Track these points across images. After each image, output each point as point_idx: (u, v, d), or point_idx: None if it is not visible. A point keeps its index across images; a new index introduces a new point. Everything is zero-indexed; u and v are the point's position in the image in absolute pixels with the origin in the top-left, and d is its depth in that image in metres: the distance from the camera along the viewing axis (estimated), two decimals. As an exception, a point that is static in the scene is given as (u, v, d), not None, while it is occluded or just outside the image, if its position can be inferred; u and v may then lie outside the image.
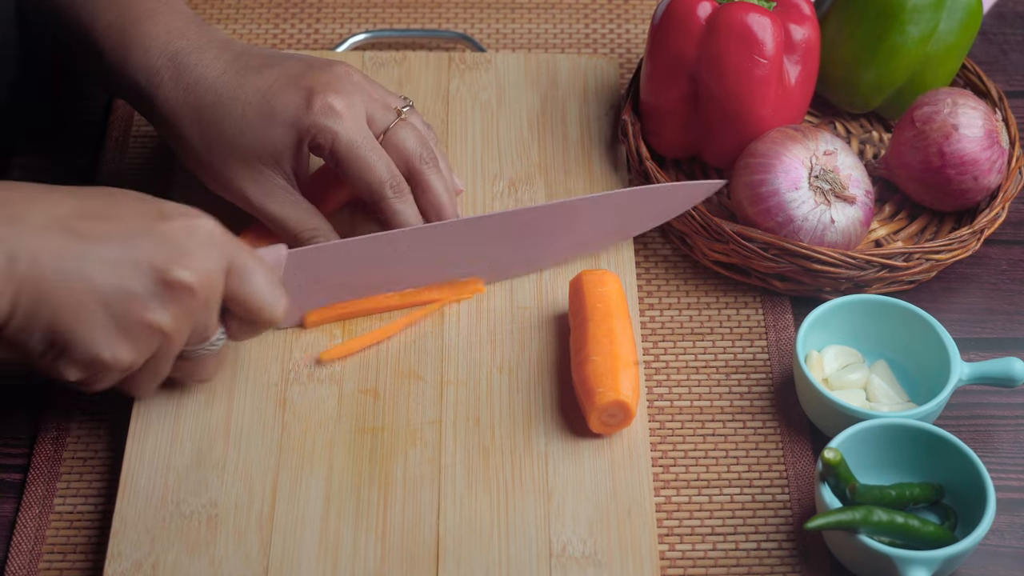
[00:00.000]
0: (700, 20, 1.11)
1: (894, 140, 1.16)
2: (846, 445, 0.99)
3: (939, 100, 1.14)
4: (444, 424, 1.03)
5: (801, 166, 1.09)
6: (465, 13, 1.34)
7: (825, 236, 1.09)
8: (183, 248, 0.91)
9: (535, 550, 0.97)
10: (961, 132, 1.12)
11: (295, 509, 0.99)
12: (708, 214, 1.10)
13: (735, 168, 1.12)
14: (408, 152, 1.06)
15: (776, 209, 1.09)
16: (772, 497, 1.02)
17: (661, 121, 1.16)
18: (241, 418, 1.03)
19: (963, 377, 1.04)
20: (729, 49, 1.10)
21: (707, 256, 1.13)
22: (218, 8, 1.33)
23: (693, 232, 1.12)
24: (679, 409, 1.07)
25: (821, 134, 1.11)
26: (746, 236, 1.09)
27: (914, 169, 1.14)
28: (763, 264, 1.10)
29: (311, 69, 1.06)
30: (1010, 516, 1.02)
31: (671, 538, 1.00)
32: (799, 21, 1.12)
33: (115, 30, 1.06)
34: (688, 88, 1.13)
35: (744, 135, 1.13)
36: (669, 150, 1.17)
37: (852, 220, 1.10)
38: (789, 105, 1.13)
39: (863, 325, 1.07)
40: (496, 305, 1.10)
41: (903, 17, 1.15)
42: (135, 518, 0.98)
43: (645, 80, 1.16)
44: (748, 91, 1.11)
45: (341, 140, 1.04)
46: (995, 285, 1.15)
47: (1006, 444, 1.06)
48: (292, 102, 1.04)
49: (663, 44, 1.13)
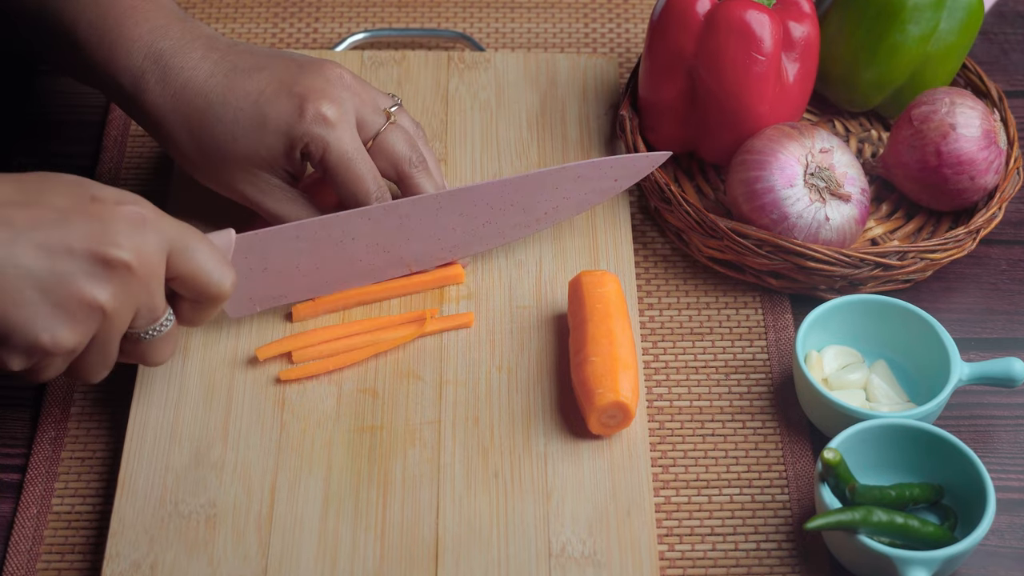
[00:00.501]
0: (699, 16, 1.11)
1: (892, 139, 1.16)
2: (846, 445, 0.99)
3: (937, 99, 1.13)
4: (443, 424, 1.03)
5: (797, 163, 1.09)
6: (464, 12, 1.34)
7: (820, 234, 1.09)
8: (117, 228, 0.90)
9: (534, 550, 0.97)
10: (958, 132, 1.12)
11: (294, 509, 0.99)
12: (703, 210, 1.10)
13: (731, 165, 1.12)
14: (397, 156, 1.07)
15: (771, 206, 1.09)
16: (772, 497, 1.02)
17: (658, 117, 1.16)
18: (240, 418, 1.03)
19: (963, 377, 1.04)
20: (727, 45, 1.10)
21: (702, 252, 1.13)
22: (217, 7, 1.33)
23: (689, 228, 1.12)
24: (679, 409, 1.06)
25: (818, 132, 1.11)
26: (740, 233, 1.09)
27: (911, 168, 1.14)
28: (757, 261, 1.10)
29: (303, 72, 1.05)
30: (1010, 516, 1.02)
31: (670, 538, 1.00)
32: (799, 19, 1.12)
33: (97, 28, 1.05)
34: (686, 84, 1.13)
35: (741, 132, 1.13)
36: (666, 145, 1.17)
37: (847, 218, 1.10)
38: (787, 102, 1.13)
39: (863, 325, 1.07)
40: (495, 305, 1.10)
41: (904, 16, 1.15)
42: (133, 518, 0.98)
43: (643, 76, 1.16)
44: (745, 88, 1.11)
45: (332, 151, 1.04)
46: (995, 285, 1.15)
47: (1006, 444, 1.06)
48: (285, 110, 1.04)
49: (661, 40, 1.13)
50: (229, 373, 1.05)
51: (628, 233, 1.14)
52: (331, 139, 1.04)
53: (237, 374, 1.05)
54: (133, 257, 0.90)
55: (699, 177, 1.19)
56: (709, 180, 1.19)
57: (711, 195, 1.18)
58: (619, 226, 1.14)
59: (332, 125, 1.04)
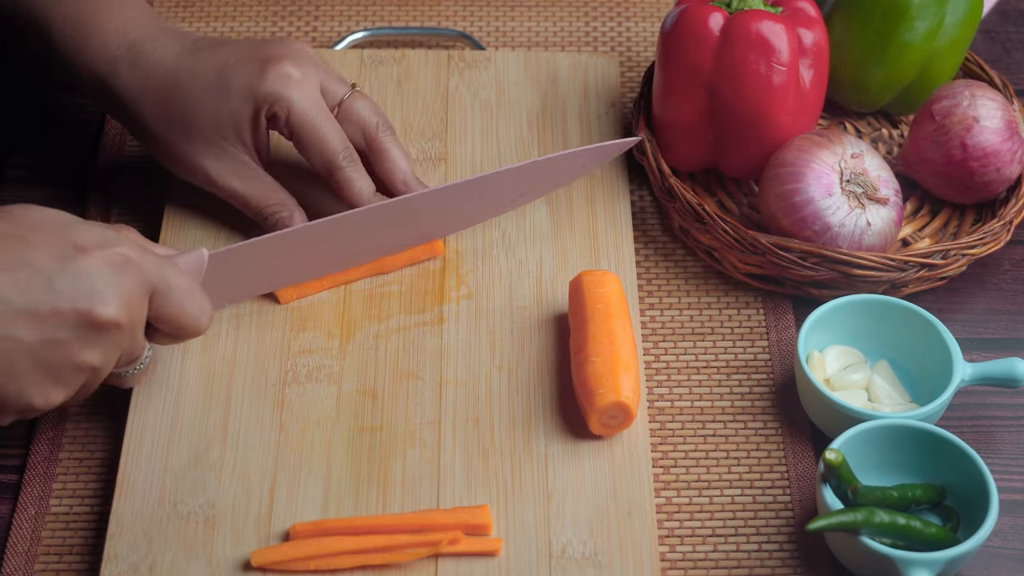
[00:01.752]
0: (713, 32, 1.10)
1: (912, 135, 1.16)
2: (848, 446, 0.98)
3: (957, 93, 1.14)
4: (443, 424, 1.03)
5: (831, 172, 1.09)
6: (464, 11, 1.33)
7: (863, 240, 1.09)
8: (104, 283, 0.90)
9: (535, 551, 0.96)
10: (982, 124, 1.12)
11: (293, 510, 0.98)
12: (741, 227, 1.09)
13: (763, 179, 1.11)
14: (364, 120, 1.09)
15: (812, 218, 1.08)
16: (773, 498, 1.02)
17: (676, 135, 1.15)
18: (239, 418, 1.03)
19: (965, 378, 1.04)
20: (747, 59, 1.09)
21: (738, 269, 1.12)
22: (215, 5, 1.33)
23: (724, 247, 1.11)
24: (680, 410, 1.06)
25: (845, 137, 1.11)
26: (782, 246, 1.09)
27: (936, 163, 1.14)
28: (801, 273, 1.09)
29: (266, 44, 1.08)
30: (1013, 518, 1.02)
31: (672, 539, 1.00)
32: (807, 25, 1.12)
33: (72, 22, 1.07)
34: (704, 101, 1.12)
35: (765, 144, 1.12)
36: (684, 164, 1.17)
37: (887, 221, 1.09)
38: (806, 110, 1.13)
39: (865, 325, 1.07)
40: (496, 305, 1.09)
41: (911, 13, 1.15)
42: (132, 519, 0.97)
43: (658, 95, 1.15)
44: (768, 99, 1.10)
45: (296, 109, 1.05)
46: (998, 285, 1.15)
47: (1009, 445, 1.05)
48: (248, 72, 1.06)
49: (676, 58, 1.12)
50: (228, 373, 1.05)
51: (629, 233, 1.14)
52: (294, 97, 1.05)
53: (236, 374, 1.05)
54: (120, 314, 0.91)
55: (720, 192, 1.18)
56: (731, 195, 1.18)
57: (735, 210, 1.17)
58: (620, 226, 1.14)
59: (295, 83, 1.06)
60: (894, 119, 1.23)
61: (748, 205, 1.17)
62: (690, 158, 1.16)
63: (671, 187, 1.13)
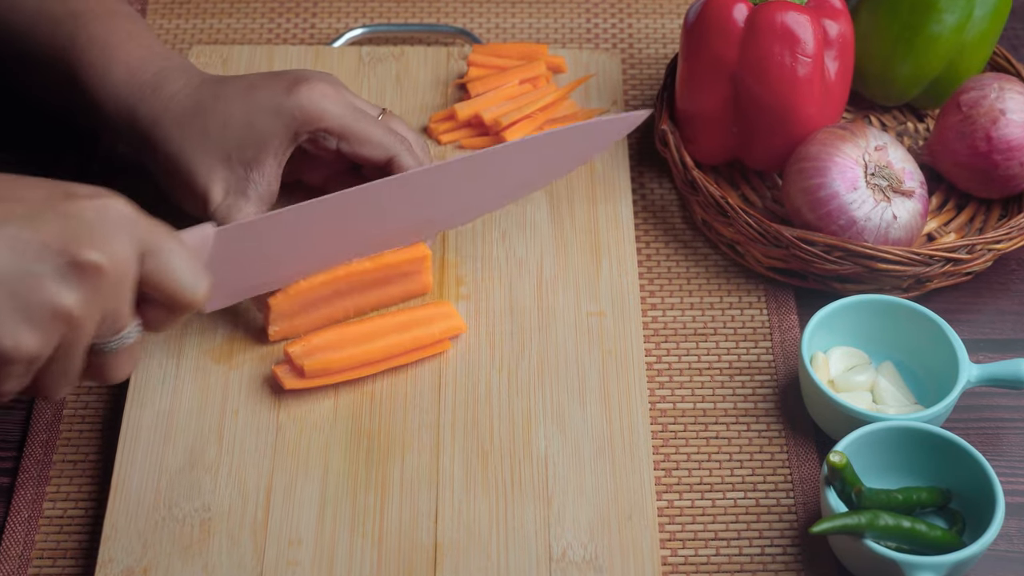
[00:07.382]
0: (738, 23, 1.10)
1: (939, 126, 1.16)
2: (852, 448, 0.98)
3: (985, 85, 1.14)
4: (442, 427, 1.02)
5: (856, 165, 1.08)
6: (464, 7, 1.33)
7: (889, 234, 1.08)
8: (92, 227, 0.87)
9: (535, 555, 0.96)
10: (1008, 117, 1.12)
11: (290, 513, 0.98)
12: (766, 220, 1.09)
13: (787, 173, 1.11)
14: (403, 135, 1.07)
15: (837, 212, 1.08)
16: (776, 501, 1.01)
17: (700, 127, 1.15)
18: (235, 420, 1.02)
19: (971, 379, 1.03)
20: (772, 50, 1.09)
21: (761, 263, 1.12)
22: (214, 3, 1.33)
23: (748, 240, 1.11)
24: (682, 411, 1.06)
25: (869, 130, 1.10)
26: (807, 240, 1.08)
27: (960, 155, 1.14)
28: (826, 268, 1.09)
29: (293, 70, 1.08)
30: (1019, 521, 1.01)
31: (673, 543, 0.99)
32: (833, 16, 1.12)
33: (99, 44, 1.07)
34: (729, 92, 1.12)
35: (790, 136, 1.12)
36: (707, 157, 1.16)
37: (913, 214, 1.09)
38: (832, 102, 1.13)
39: (869, 326, 1.06)
40: (495, 305, 1.09)
41: (939, 6, 1.16)
42: (126, 522, 0.97)
43: (683, 87, 1.15)
44: (793, 91, 1.10)
45: (333, 113, 1.04)
46: (1004, 285, 1.14)
47: (1015, 447, 1.05)
48: (277, 90, 1.05)
49: (701, 49, 1.12)
50: (224, 374, 1.04)
51: (631, 232, 1.13)
52: (326, 105, 1.04)
53: (232, 375, 1.04)
54: (106, 259, 0.86)
55: (744, 186, 1.18)
56: (755, 188, 1.18)
57: (758, 203, 1.17)
58: (621, 225, 1.13)
59: (330, 98, 1.04)
60: (920, 113, 1.24)
61: (771, 199, 1.17)
62: (713, 151, 1.16)
63: (694, 180, 1.12)
